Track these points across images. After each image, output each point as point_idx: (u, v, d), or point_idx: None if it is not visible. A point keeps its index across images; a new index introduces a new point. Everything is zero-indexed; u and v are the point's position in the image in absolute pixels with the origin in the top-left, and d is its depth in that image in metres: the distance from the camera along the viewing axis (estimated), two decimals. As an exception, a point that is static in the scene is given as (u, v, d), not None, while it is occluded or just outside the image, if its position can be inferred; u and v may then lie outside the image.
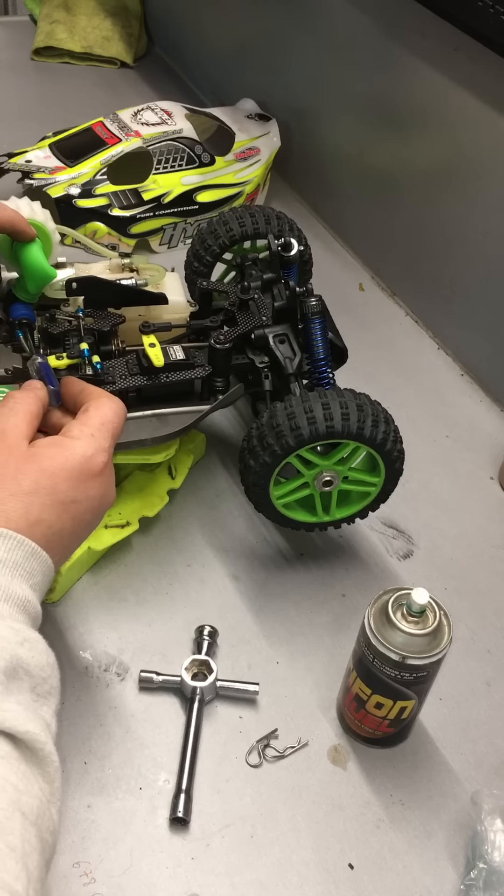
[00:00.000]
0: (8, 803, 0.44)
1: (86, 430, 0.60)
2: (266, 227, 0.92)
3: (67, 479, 0.56)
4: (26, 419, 0.60)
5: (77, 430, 0.60)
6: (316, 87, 1.26)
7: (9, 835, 0.43)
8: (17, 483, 0.55)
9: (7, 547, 0.52)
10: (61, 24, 1.62)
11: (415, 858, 0.65)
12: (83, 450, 0.58)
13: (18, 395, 0.62)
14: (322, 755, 0.70)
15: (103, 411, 0.62)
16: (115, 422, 0.62)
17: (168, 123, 1.18)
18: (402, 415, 0.81)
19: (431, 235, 1.09)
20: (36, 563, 0.54)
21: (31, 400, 0.62)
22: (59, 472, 0.56)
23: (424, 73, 1.02)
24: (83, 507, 0.58)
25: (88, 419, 0.61)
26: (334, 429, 0.72)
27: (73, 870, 0.62)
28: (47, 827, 0.47)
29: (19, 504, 0.54)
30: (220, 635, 0.76)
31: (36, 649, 0.51)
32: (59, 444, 0.58)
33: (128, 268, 0.86)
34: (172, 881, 0.62)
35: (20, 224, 0.72)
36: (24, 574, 0.53)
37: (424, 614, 0.63)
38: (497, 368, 1.05)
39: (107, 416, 0.62)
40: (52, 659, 0.52)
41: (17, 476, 0.55)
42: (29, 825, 0.45)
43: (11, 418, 0.60)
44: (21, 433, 0.58)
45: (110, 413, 0.62)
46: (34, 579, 0.54)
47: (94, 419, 0.61)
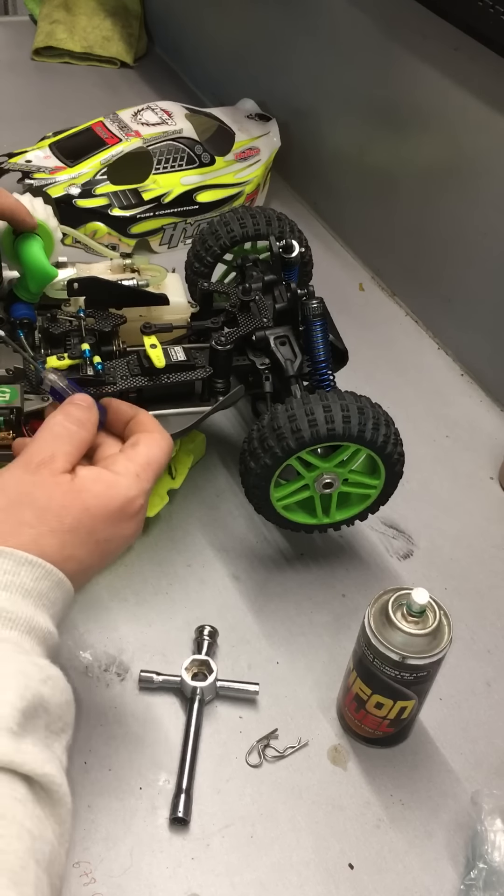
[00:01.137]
0: (24, 852, 0.43)
1: (132, 468, 0.58)
2: (267, 228, 0.92)
3: (107, 519, 0.55)
4: (80, 448, 0.58)
5: (123, 465, 0.58)
6: (316, 87, 1.26)
7: (24, 885, 0.42)
8: (59, 520, 0.54)
9: (35, 575, 0.52)
10: (61, 24, 1.62)
11: (415, 858, 0.65)
12: (126, 491, 0.56)
13: (80, 417, 0.60)
14: (322, 755, 0.71)
15: (153, 450, 0.60)
16: (162, 462, 0.60)
17: (168, 123, 1.18)
18: (402, 415, 0.81)
19: (431, 235, 1.09)
20: (60, 592, 0.53)
21: (90, 427, 0.60)
22: (101, 512, 0.55)
23: (424, 73, 1.02)
24: (114, 545, 0.57)
25: (136, 455, 0.59)
26: (335, 431, 0.72)
27: (73, 870, 0.62)
28: (57, 872, 0.46)
29: (57, 541, 0.53)
30: (220, 635, 0.76)
31: (57, 687, 0.50)
32: (104, 482, 0.56)
33: (129, 268, 0.86)
34: (172, 881, 0.62)
35: (20, 212, 0.71)
36: (47, 604, 0.52)
37: (424, 614, 0.63)
38: (497, 368, 1.05)
39: (154, 455, 0.59)
40: (70, 696, 0.52)
41: (61, 513, 0.54)
42: (42, 872, 0.44)
43: (66, 445, 0.58)
44: (70, 462, 0.57)
45: (159, 452, 0.60)
46: (55, 608, 0.53)
47: (141, 456, 0.59)
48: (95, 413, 0.61)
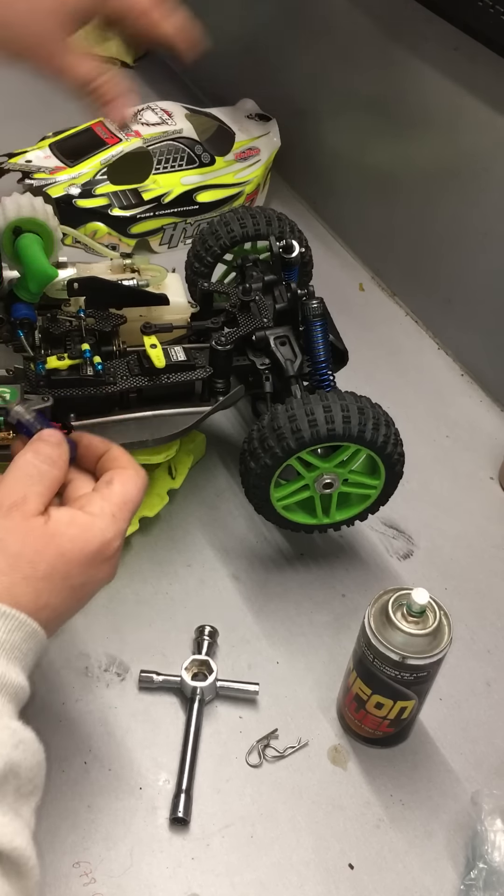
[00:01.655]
0: None
1: (107, 509, 0.56)
2: (267, 228, 0.92)
3: (82, 564, 0.54)
4: (52, 488, 0.56)
5: (98, 506, 0.56)
6: (316, 87, 1.25)
7: None
8: (32, 567, 0.52)
9: (8, 627, 0.50)
10: (61, 24, 1.62)
11: (415, 858, 0.65)
12: (102, 533, 0.55)
13: (51, 455, 0.57)
14: (322, 755, 0.71)
15: (128, 488, 0.58)
16: (138, 499, 0.58)
17: (168, 123, 1.18)
18: (402, 415, 0.81)
19: (431, 235, 1.09)
20: (33, 643, 0.52)
21: (62, 464, 0.58)
22: (76, 557, 0.53)
23: (424, 73, 1.02)
24: (89, 588, 0.56)
25: (112, 494, 0.57)
26: (335, 432, 0.72)
27: (73, 870, 0.62)
28: None
29: (31, 589, 0.52)
30: (220, 635, 0.76)
31: (29, 750, 0.49)
32: (79, 524, 0.54)
33: (129, 268, 0.86)
34: (172, 881, 0.62)
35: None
36: (19, 656, 0.51)
37: (424, 614, 0.63)
38: (497, 368, 1.05)
39: (130, 493, 0.58)
40: (42, 756, 0.50)
41: (35, 559, 0.52)
42: None
43: (37, 485, 0.55)
44: (42, 503, 0.55)
45: (134, 490, 0.58)
46: (27, 660, 0.52)
47: (117, 495, 0.57)
48: (66, 450, 0.59)
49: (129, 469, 0.59)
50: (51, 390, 0.74)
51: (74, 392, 0.75)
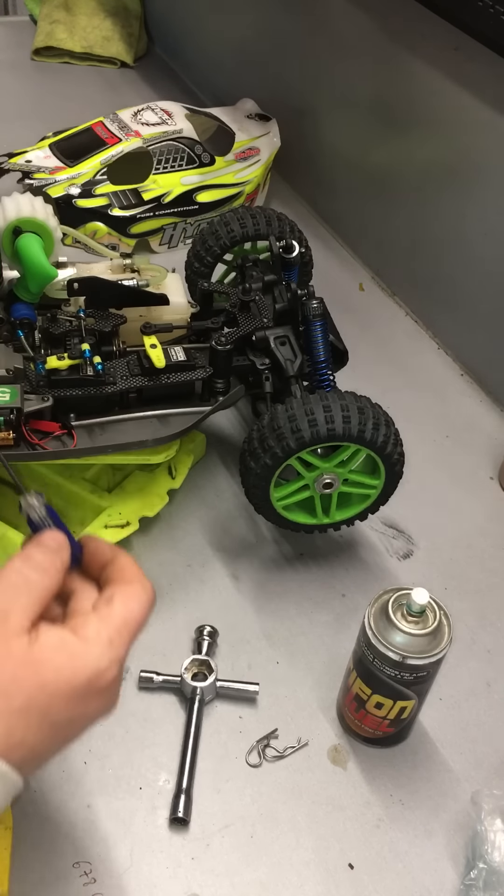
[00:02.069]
0: None
1: (104, 633, 0.49)
2: (267, 228, 0.92)
3: (67, 698, 0.46)
4: (42, 600, 0.49)
5: (94, 629, 0.49)
6: (316, 87, 1.26)
7: None
8: (7, 698, 0.45)
9: None
10: (61, 24, 1.62)
11: (415, 858, 0.65)
12: (96, 663, 0.47)
13: (43, 562, 0.50)
14: (322, 755, 0.71)
15: (131, 606, 0.51)
16: (142, 620, 0.51)
17: (168, 123, 1.18)
18: (401, 415, 0.81)
19: (431, 235, 1.09)
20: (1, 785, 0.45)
21: (55, 573, 0.50)
22: (60, 690, 0.46)
23: (424, 73, 1.02)
24: (76, 726, 0.49)
25: (111, 615, 0.50)
26: (335, 431, 0.72)
27: (73, 870, 0.62)
28: None
29: (2, 724, 0.45)
30: (220, 635, 0.76)
31: None
32: (68, 651, 0.47)
33: (129, 268, 0.86)
34: (172, 881, 0.62)
35: None
36: None
37: (424, 614, 0.63)
38: (497, 369, 1.05)
39: (133, 613, 0.51)
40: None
41: (10, 689, 0.45)
42: None
43: (23, 597, 0.48)
44: (28, 619, 0.48)
45: (139, 610, 0.51)
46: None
47: (117, 617, 0.50)
48: (64, 555, 0.52)
49: (134, 584, 0.52)
50: (51, 390, 0.74)
51: (74, 392, 0.75)
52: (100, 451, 0.75)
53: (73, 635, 0.48)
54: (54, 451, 0.73)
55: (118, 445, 0.75)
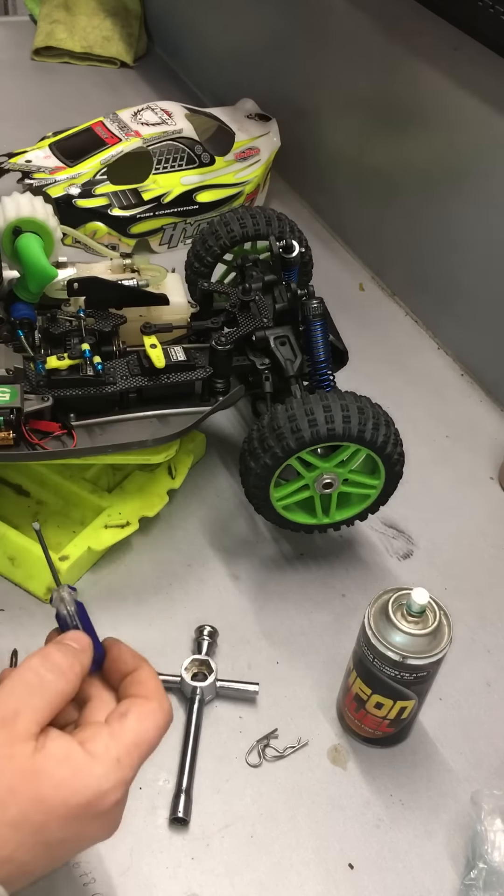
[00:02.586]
0: None
1: (112, 751, 0.46)
2: (267, 228, 0.92)
3: (65, 817, 0.43)
4: (55, 703, 0.46)
5: (103, 745, 0.46)
6: (316, 87, 1.26)
7: None
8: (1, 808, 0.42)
9: None
10: (61, 24, 1.62)
11: (415, 858, 0.65)
12: (98, 783, 0.44)
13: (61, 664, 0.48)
14: (322, 755, 0.70)
15: (145, 726, 0.48)
16: (154, 742, 0.48)
17: (168, 123, 1.19)
18: (402, 415, 0.81)
19: (431, 235, 1.09)
20: None
21: (73, 677, 0.48)
22: (58, 808, 0.43)
23: (424, 73, 1.02)
24: (70, 847, 0.45)
25: (122, 733, 0.47)
26: (335, 431, 0.72)
27: (73, 870, 0.62)
28: None
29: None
30: (220, 635, 0.76)
31: None
32: (72, 766, 0.44)
33: (129, 268, 0.86)
34: (172, 881, 0.62)
35: None
36: None
37: (424, 614, 0.63)
38: (497, 369, 1.05)
39: (147, 733, 0.48)
40: None
41: (5, 798, 0.42)
42: None
43: (35, 698, 0.46)
44: (37, 724, 0.45)
45: (153, 729, 0.48)
46: None
47: (129, 735, 0.47)
48: (84, 659, 0.50)
49: (151, 701, 0.49)
50: (51, 390, 0.74)
51: (74, 392, 0.75)
52: (100, 451, 0.75)
53: (79, 749, 0.45)
54: (54, 451, 0.73)
55: (118, 445, 0.75)
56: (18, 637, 0.74)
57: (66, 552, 0.76)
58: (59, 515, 0.83)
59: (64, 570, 0.75)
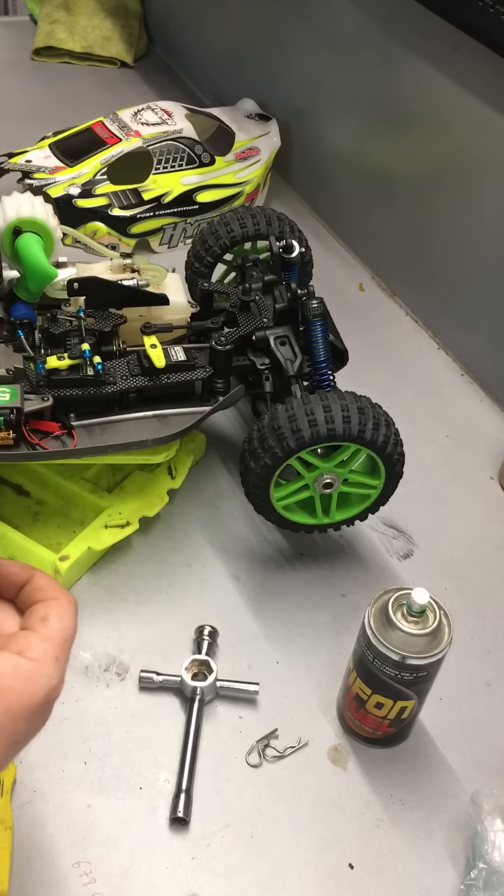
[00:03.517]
0: None
1: (49, 651, 0.50)
2: (267, 228, 0.92)
3: (28, 717, 0.48)
4: None
5: (40, 649, 0.50)
6: (316, 87, 1.26)
7: None
8: None
9: None
10: (61, 24, 1.62)
11: (415, 858, 0.65)
12: (48, 681, 0.49)
13: None
14: (322, 755, 0.70)
15: (66, 622, 0.52)
16: (74, 633, 0.53)
17: (168, 123, 1.18)
18: (402, 415, 0.81)
19: (431, 235, 1.09)
20: None
21: None
22: (23, 712, 0.48)
23: (424, 73, 1.02)
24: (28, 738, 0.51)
25: (51, 634, 0.51)
26: (335, 431, 0.72)
27: (73, 870, 0.62)
28: None
29: None
30: (220, 635, 0.76)
31: None
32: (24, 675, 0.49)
33: (129, 268, 0.86)
34: (172, 881, 0.62)
35: None
36: None
37: (424, 614, 0.63)
38: (497, 368, 1.05)
39: (69, 627, 0.52)
40: None
41: None
42: None
43: None
44: None
45: (72, 623, 0.53)
46: None
47: (57, 634, 0.51)
48: None
49: (61, 599, 0.54)
50: (51, 390, 0.74)
51: (74, 392, 0.75)
52: (100, 451, 0.75)
53: (23, 659, 0.49)
54: (54, 451, 0.74)
55: (118, 445, 0.75)
56: (18, 637, 0.74)
57: (66, 552, 0.76)
58: (59, 515, 0.83)
59: (64, 570, 0.75)
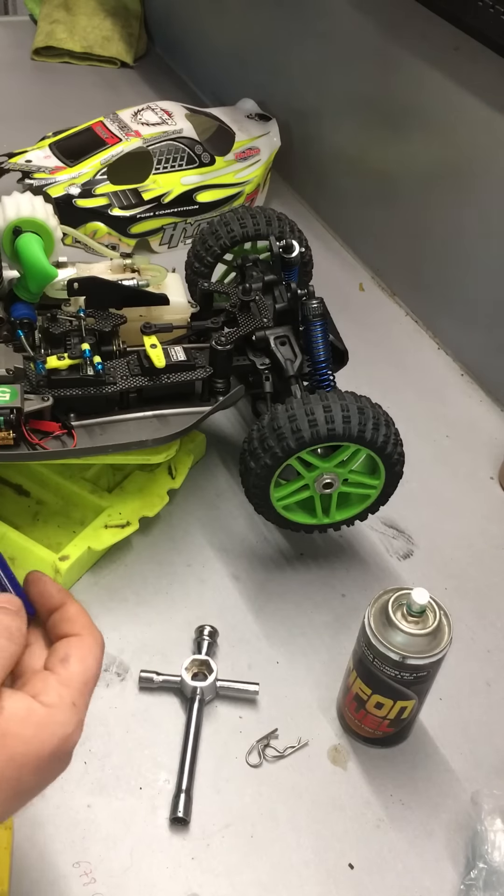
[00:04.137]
0: None
1: (66, 697, 0.47)
2: (267, 228, 0.92)
3: (36, 767, 0.45)
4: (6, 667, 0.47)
5: (56, 693, 0.47)
6: (316, 87, 1.26)
7: None
8: None
9: None
10: (61, 24, 1.62)
11: (415, 858, 0.65)
12: (62, 729, 0.46)
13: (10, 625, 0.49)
14: (322, 755, 0.70)
15: (88, 664, 0.49)
16: (97, 676, 0.50)
17: (168, 123, 1.18)
18: (402, 415, 0.81)
19: (431, 235, 1.09)
20: None
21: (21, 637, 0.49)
22: (30, 762, 0.45)
23: (424, 73, 1.02)
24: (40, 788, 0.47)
25: (71, 678, 0.48)
26: (335, 431, 0.72)
27: (73, 870, 0.62)
28: None
29: None
30: (220, 635, 0.76)
31: None
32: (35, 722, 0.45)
33: (129, 268, 0.86)
34: (172, 881, 0.62)
35: None
36: None
37: (424, 614, 0.63)
38: (497, 369, 1.05)
39: (91, 670, 0.49)
40: None
41: None
42: None
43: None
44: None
45: (95, 666, 0.50)
46: None
47: (77, 677, 0.48)
48: (23, 617, 0.50)
49: (86, 638, 0.50)
50: (51, 390, 0.74)
51: (74, 392, 0.75)
52: (100, 451, 0.75)
53: (36, 703, 0.46)
54: (54, 451, 0.74)
55: (118, 445, 0.75)
56: (18, 637, 0.74)
57: (66, 552, 0.76)
58: (60, 515, 0.83)
59: (64, 570, 0.75)
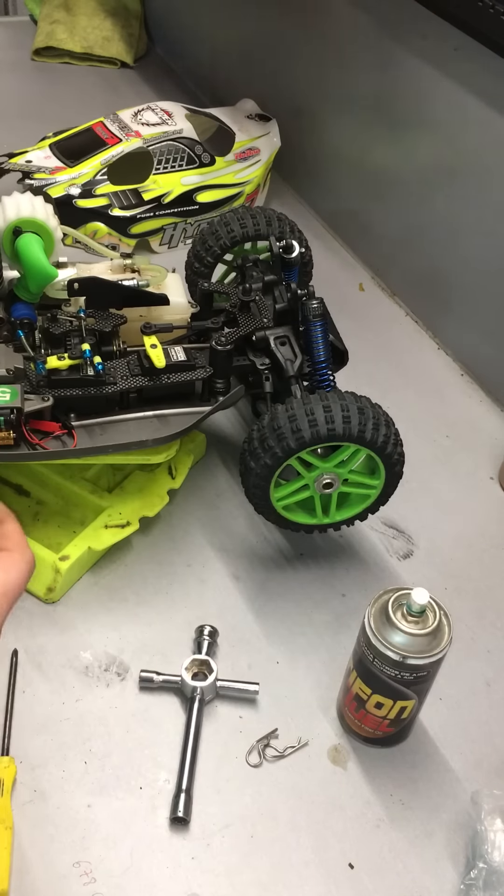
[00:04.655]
0: None
1: None
2: (267, 228, 0.92)
3: None
4: None
5: None
6: (316, 87, 1.26)
7: None
8: None
9: None
10: (61, 24, 1.62)
11: (415, 858, 0.65)
12: None
13: None
14: (322, 755, 0.71)
15: (11, 576, 0.50)
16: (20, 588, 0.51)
17: (168, 123, 1.18)
18: (402, 415, 0.81)
19: (431, 235, 1.09)
20: None
21: None
22: None
23: (424, 74, 1.02)
24: None
25: None
26: (335, 432, 0.72)
27: (73, 870, 0.62)
28: None
29: None
30: (220, 635, 0.76)
31: None
32: None
33: (129, 268, 0.86)
34: (172, 881, 0.62)
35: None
36: None
37: (424, 614, 0.63)
38: (497, 368, 1.05)
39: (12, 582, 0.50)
40: None
41: None
42: None
43: None
44: None
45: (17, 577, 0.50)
46: None
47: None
48: None
49: (13, 552, 0.52)
50: (51, 390, 0.74)
51: (74, 392, 0.75)
52: (100, 451, 0.75)
53: None
54: (54, 451, 0.74)
55: (118, 445, 0.75)
56: (19, 637, 0.74)
57: (66, 552, 0.76)
58: (60, 515, 0.83)
59: (64, 570, 0.75)
